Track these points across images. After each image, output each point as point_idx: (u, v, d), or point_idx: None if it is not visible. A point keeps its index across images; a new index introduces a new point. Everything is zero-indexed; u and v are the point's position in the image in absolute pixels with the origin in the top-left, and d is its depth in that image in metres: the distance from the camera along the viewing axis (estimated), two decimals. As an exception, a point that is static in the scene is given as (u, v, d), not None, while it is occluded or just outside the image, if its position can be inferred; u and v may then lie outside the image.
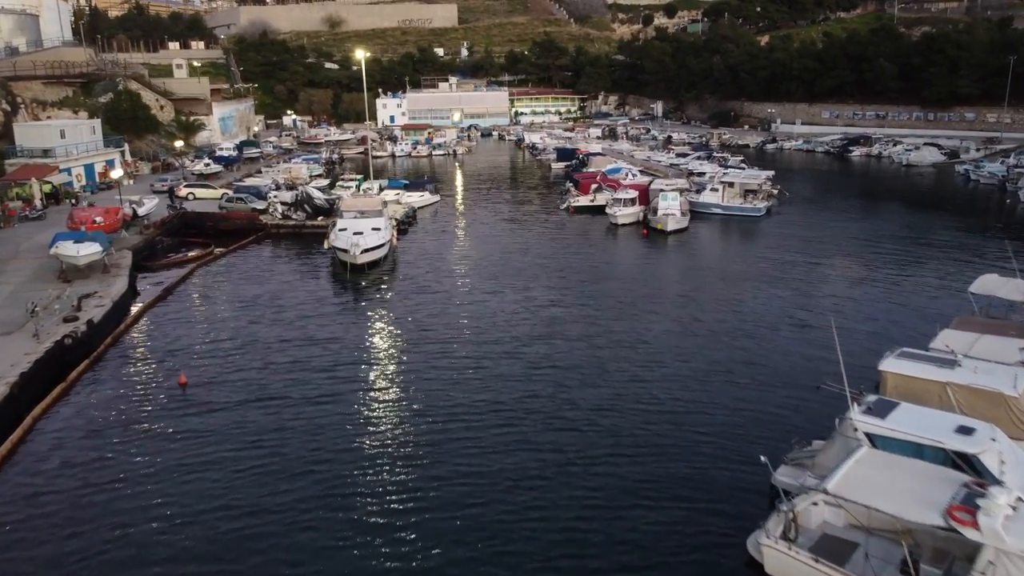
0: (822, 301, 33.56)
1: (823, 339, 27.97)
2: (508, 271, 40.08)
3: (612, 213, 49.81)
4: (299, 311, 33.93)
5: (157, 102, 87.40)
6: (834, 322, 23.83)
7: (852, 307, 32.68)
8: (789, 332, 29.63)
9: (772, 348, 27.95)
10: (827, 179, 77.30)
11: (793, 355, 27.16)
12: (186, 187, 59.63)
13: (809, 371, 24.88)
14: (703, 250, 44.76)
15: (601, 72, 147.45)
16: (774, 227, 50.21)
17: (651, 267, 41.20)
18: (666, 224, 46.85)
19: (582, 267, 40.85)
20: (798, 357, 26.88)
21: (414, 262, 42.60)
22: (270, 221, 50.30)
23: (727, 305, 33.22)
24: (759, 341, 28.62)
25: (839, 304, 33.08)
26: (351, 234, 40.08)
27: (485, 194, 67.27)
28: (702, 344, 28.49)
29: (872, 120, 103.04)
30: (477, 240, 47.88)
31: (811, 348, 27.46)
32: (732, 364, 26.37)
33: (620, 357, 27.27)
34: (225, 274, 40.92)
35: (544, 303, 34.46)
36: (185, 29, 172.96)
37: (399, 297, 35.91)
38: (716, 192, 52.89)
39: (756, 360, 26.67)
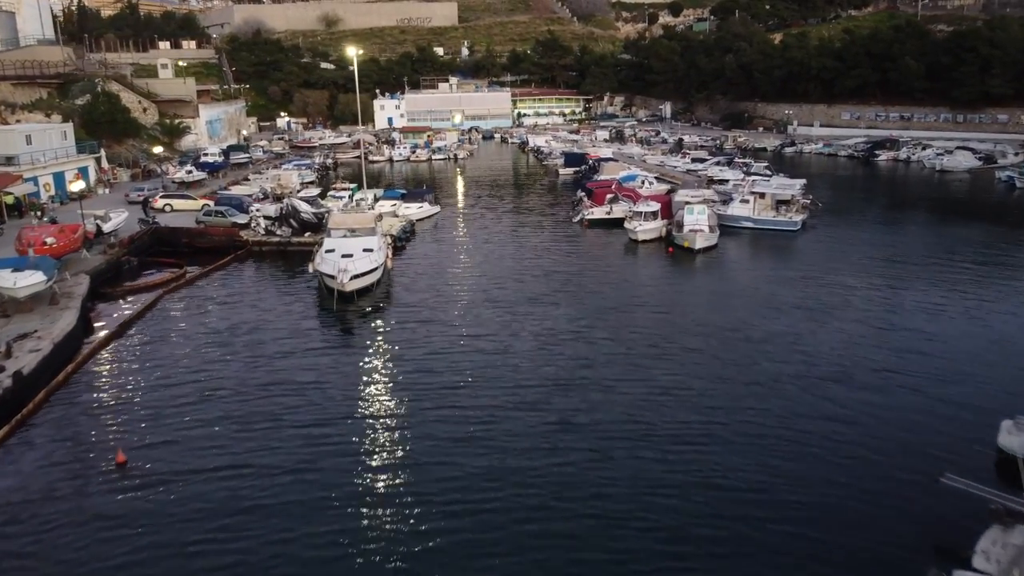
0: (897, 338, 28.43)
1: (919, 397, 23.06)
2: (520, 297, 35.05)
3: (632, 228, 44.75)
4: (277, 348, 28.98)
5: (140, 104, 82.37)
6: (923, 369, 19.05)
7: (940, 348, 27.54)
8: (872, 383, 24.45)
9: (857, 408, 22.69)
10: (855, 186, 72.23)
11: (887, 420, 21.88)
12: (163, 198, 54.54)
13: (920, 452, 19.88)
14: (739, 272, 39.64)
15: (606, 72, 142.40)
16: (813, 243, 45.10)
17: (683, 292, 36.11)
18: (694, 242, 41.80)
19: (605, 292, 35.82)
20: (895, 425, 21.60)
21: (412, 287, 37.53)
22: (252, 237, 45.24)
23: (785, 343, 28.12)
24: (837, 397, 23.46)
25: (920, 342, 28.01)
26: (339, 257, 35.03)
27: (489, 203, 62.19)
28: (769, 397, 23.41)
29: (896, 122, 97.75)
30: (483, 259, 42.82)
31: (909, 410, 22.40)
32: (816, 430, 21.25)
33: (670, 415, 22.20)
34: (196, 302, 35.83)
35: (566, 337, 29.50)
36: (177, 28, 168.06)
37: (394, 331, 30.86)
38: (746, 204, 47.82)
39: (847, 432, 21.30)
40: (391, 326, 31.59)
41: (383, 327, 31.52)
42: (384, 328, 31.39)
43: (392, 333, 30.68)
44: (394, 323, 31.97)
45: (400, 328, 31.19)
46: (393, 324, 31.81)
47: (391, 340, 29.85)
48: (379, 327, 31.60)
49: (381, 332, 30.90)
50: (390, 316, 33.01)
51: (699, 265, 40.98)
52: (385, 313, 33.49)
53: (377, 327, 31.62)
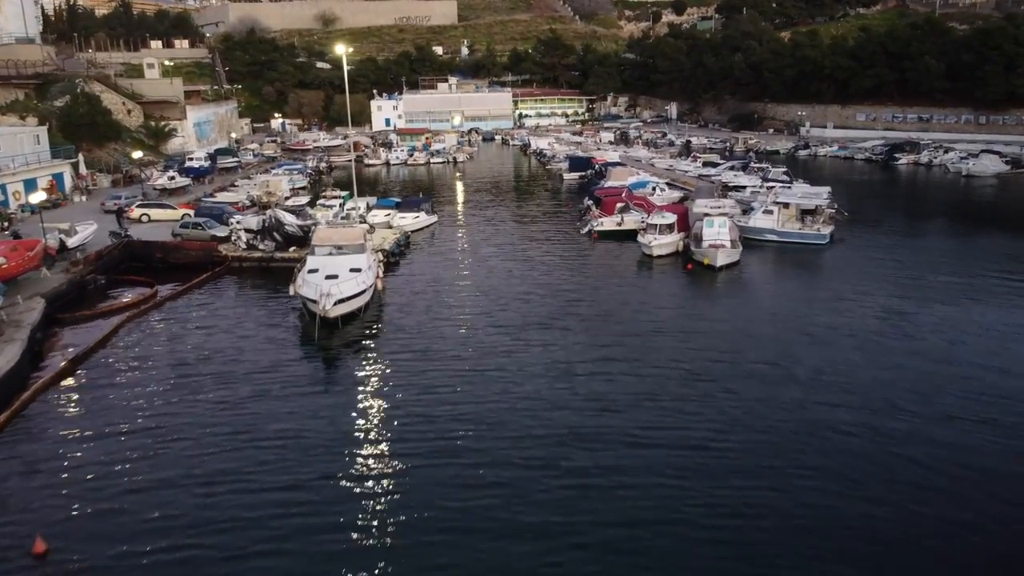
0: (967, 373, 24.57)
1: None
2: (526, 322, 31.34)
3: (646, 242, 40.97)
4: (251, 387, 25.32)
5: (124, 106, 78.60)
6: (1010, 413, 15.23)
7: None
8: (959, 437, 20.59)
9: (948, 469, 18.90)
10: (877, 192, 68.43)
11: (992, 489, 18.17)
12: (139, 207, 50.75)
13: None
14: (767, 293, 35.84)
15: (610, 71, 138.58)
16: (844, 259, 41.29)
17: (708, 318, 32.25)
18: (715, 259, 38.01)
19: (620, 316, 32.10)
20: (1005, 497, 17.89)
21: (405, 308, 33.74)
22: (231, 252, 41.45)
23: (836, 383, 24.28)
24: (918, 456, 19.64)
25: (995, 375, 24.17)
26: (322, 278, 31.26)
27: (490, 212, 58.39)
28: (832, 454, 19.64)
29: (914, 123, 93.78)
30: (484, 276, 39.04)
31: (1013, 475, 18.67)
32: (896, 499, 17.49)
33: (710, 480, 18.44)
34: (164, 328, 32.09)
35: (580, 373, 25.84)
36: (171, 27, 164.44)
37: (384, 365, 27.11)
38: (770, 215, 44.03)
39: (944, 507, 17.64)
40: (381, 358, 27.84)
41: (371, 360, 27.77)
42: (372, 361, 27.64)
43: (382, 367, 26.94)
44: (384, 354, 28.23)
45: (391, 361, 27.45)
46: (383, 356, 28.07)
47: (380, 377, 26.11)
48: (367, 360, 27.84)
49: (369, 366, 27.15)
50: (380, 345, 29.25)
51: (722, 284, 37.20)
52: (374, 342, 29.72)
53: (365, 360, 27.86)
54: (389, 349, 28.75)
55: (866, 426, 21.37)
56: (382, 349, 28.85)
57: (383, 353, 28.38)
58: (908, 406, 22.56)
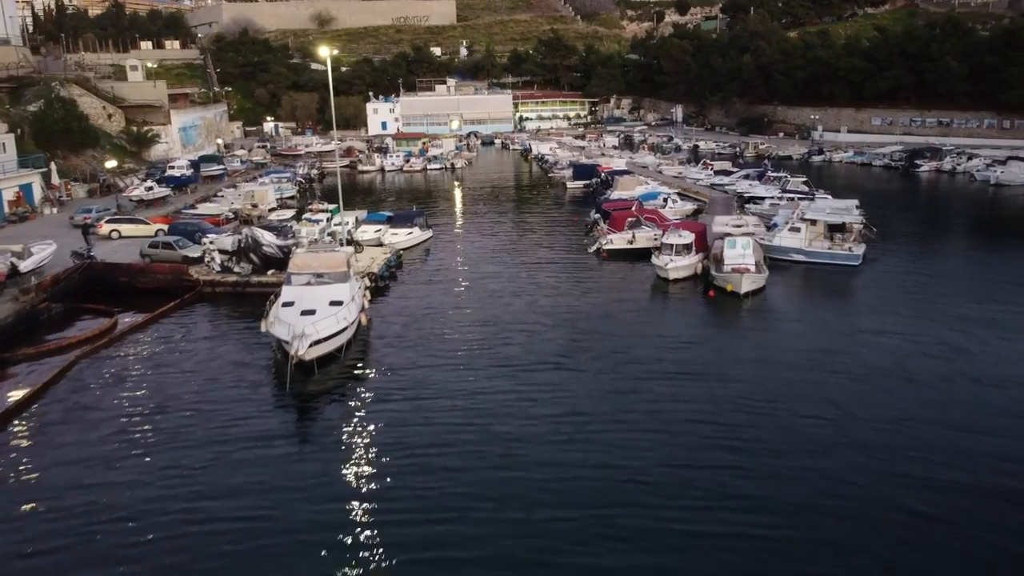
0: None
1: None
2: (532, 359, 27.69)
3: (661, 264, 37.07)
4: (210, 449, 21.75)
5: (104, 110, 74.73)
6: None
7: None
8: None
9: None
10: (901, 203, 64.39)
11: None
12: (109, 222, 46.86)
13: None
14: (801, 324, 31.82)
15: (614, 73, 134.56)
16: (881, 282, 37.37)
17: (738, 354, 28.31)
18: (739, 284, 34.12)
19: (636, 352, 28.30)
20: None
21: (394, 345, 29.84)
22: (203, 276, 37.54)
23: (902, 449, 20.38)
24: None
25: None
26: (297, 314, 27.38)
27: (490, 225, 54.45)
28: (918, 547, 15.77)
29: (934, 128, 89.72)
30: (484, 302, 35.10)
31: None
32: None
33: None
34: (120, 367, 28.27)
35: (596, 428, 22.30)
36: (163, 28, 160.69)
37: (366, 420, 23.28)
38: (796, 233, 40.13)
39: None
40: (363, 411, 24.00)
41: (352, 413, 23.91)
42: (353, 415, 23.78)
43: (364, 423, 23.08)
44: (367, 404, 24.40)
45: (375, 414, 23.62)
46: (366, 408, 24.22)
47: (362, 435, 22.29)
48: (347, 413, 23.98)
49: (349, 422, 23.28)
50: (363, 394, 25.37)
51: (749, 315, 33.31)
52: (356, 390, 25.83)
53: (345, 413, 24.01)
54: (373, 399, 24.90)
55: (956, 509, 17.51)
56: (365, 399, 24.98)
57: (366, 404, 24.52)
58: (1002, 480, 18.69)
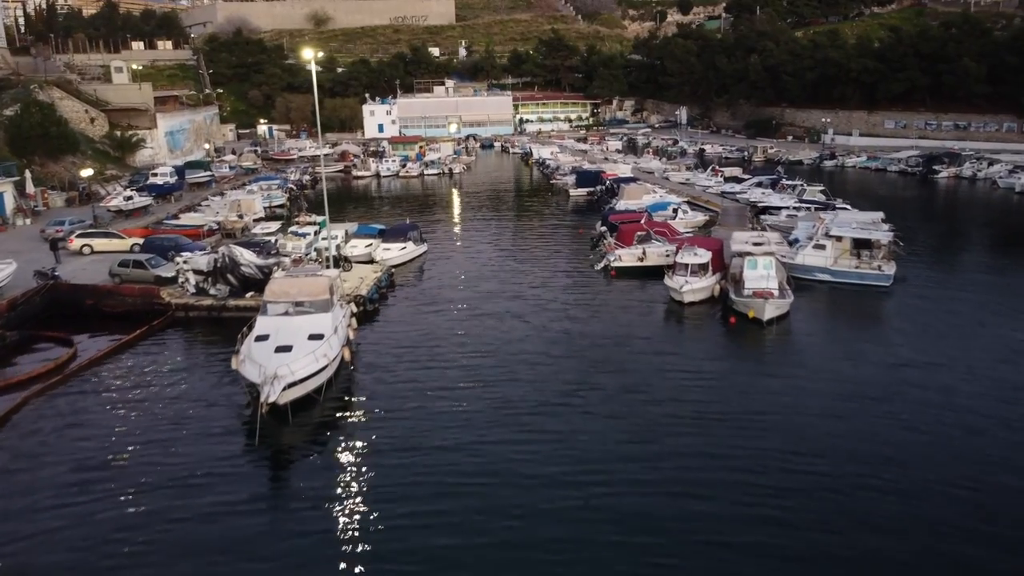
0: None
1: None
2: (538, 399, 24.71)
3: (676, 286, 33.93)
4: (160, 518, 18.47)
5: (87, 114, 71.62)
6: None
7: None
8: None
9: None
10: (922, 212, 61.23)
11: None
12: (80, 236, 43.77)
13: None
14: (835, 357, 28.54)
15: (616, 74, 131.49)
16: (917, 305, 34.20)
17: (767, 393, 25.09)
18: (762, 311, 30.99)
19: (655, 390, 25.28)
20: None
21: (381, 382, 26.68)
22: (176, 299, 34.41)
23: (971, 506, 17.30)
24: None
25: None
26: (271, 351, 24.29)
27: (490, 237, 51.31)
28: None
29: (950, 132, 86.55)
30: (483, 328, 31.94)
31: None
32: None
33: None
34: (75, 407, 25.19)
35: (614, 488, 19.28)
36: (156, 28, 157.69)
37: (345, 480, 20.18)
38: (822, 250, 37.01)
39: None
40: (342, 468, 20.89)
41: (330, 469, 20.82)
42: (331, 471, 20.70)
43: (343, 483, 19.99)
44: (347, 461, 21.27)
45: (356, 472, 20.54)
46: (345, 464, 21.10)
47: (341, 498, 19.23)
48: (324, 469, 20.90)
49: (326, 481, 20.20)
50: (343, 446, 22.23)
51: (774, 345, 30.18)
52: (336, 439, 22.71)
53: (321, 470, 20.92)
54: (355, 453, 21.74)
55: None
56: (345, 454, 21.80)
57: (346, 460, 21.37)
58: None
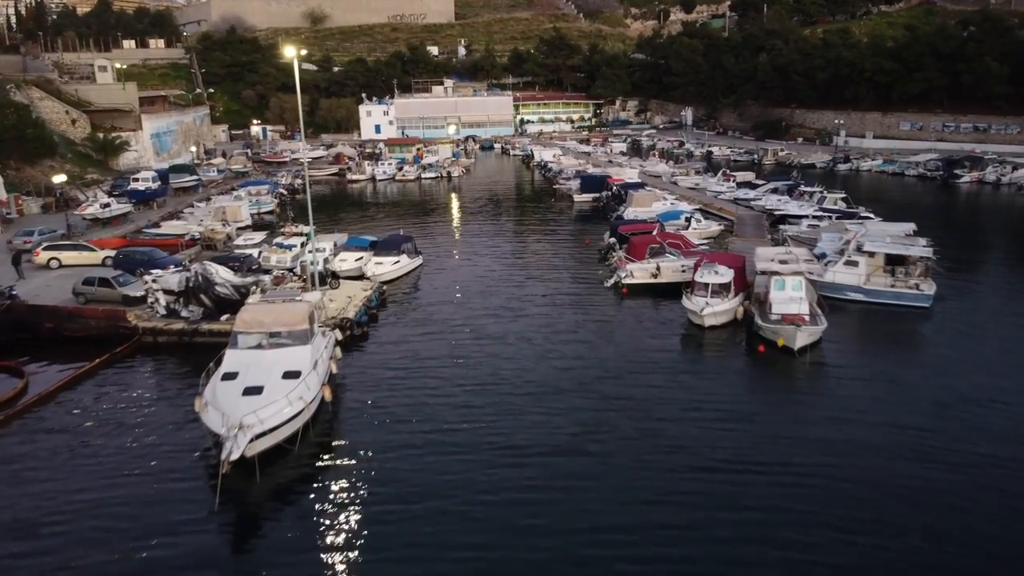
0: None
1: None
2: (544, 439, 21.90)
3: (696, 309, 30.71)
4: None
5: (67, 115, 68.41)
6: None
7: None
8: None
9: None
10: (945, 220, 57.58)
11: None
12: (47, 249, 40.56)
13: None
14: (883, 391, 25.22)
15: (619, 73, 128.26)
16: (963, 328, 30.96)
17: (811, 439, 21.96)
18: (792, 339, 27.79)
19: (678, 433, 22.22)
20: None
21: (367, 424, 23.49)
22: (144, 322, 31.18)
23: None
24: None
25: None
26: (240, 392, 21.11)
27: (489, 248, 48.06)
28: None
29: (969, 134, 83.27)
30: (483, 355, 28.74)
31: None
32: None
33: None
34: (15, 456, 22.03)
35: (642, 561, 16.08)
36: (149, 26, 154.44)
37: (323, 551, 17.05)
38: (854, 267, 33.82)
39: None
40: (319, 536, 17.75)
41: (303, 539, 17.67)
42: (304, 541, 17.55)
43: (320, 558, 16.81)
44: (325, 526, 18.13)
45: (335, 543, 17.39)
46: (323, 531, 17.96)
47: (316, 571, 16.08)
48: (295, 540, 17.72)
49: (297, 554, 17.04)
50: (319, 510, 19.04)
51: (808, 377, 26.97)
52: (312, 499, 19.52)
53: (290, 541, 17.74)
54: (334, 518, 18.56)
55: None
56: (323, 520, 18.61)
57: (323, 528, 18.19)
58: None
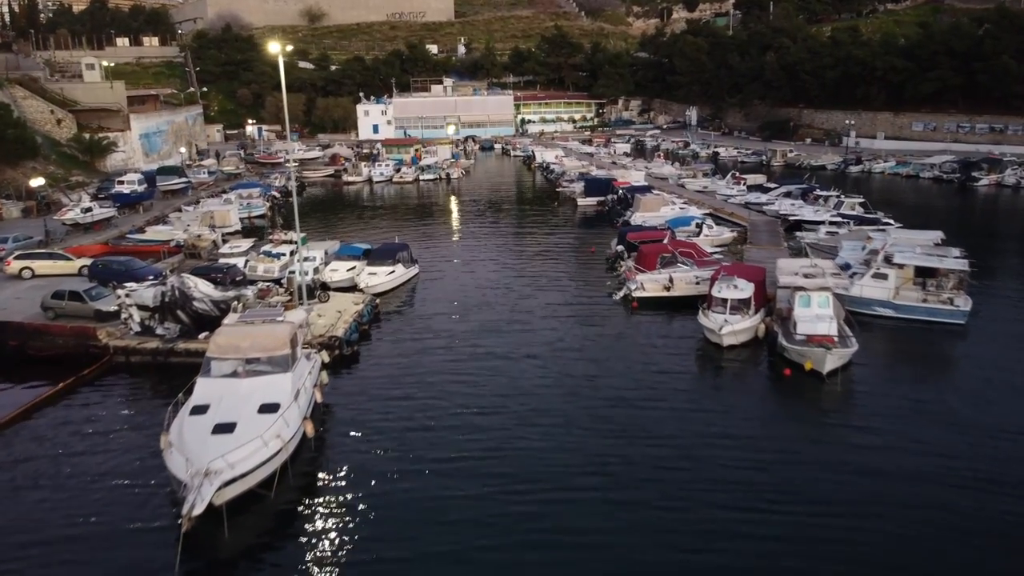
0: None
1: None
2: (556, 484, 19.36)
3: (714, 327, 28.32)
4: None
5: (52, 115, 66.02)
6: None
7: None
8: None
9: None
10: (967, 226, 54.75)
11: None
12: (19, 257, 38.16)
13: None
14: (926, 423, 22.90)
15: (622, 72, 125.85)
16: (1006, 348, 28.54)
17: (842, 476, 19.58)
18: (821, 363, 25.40)
19: (706, 473, 19.77)
20: None
21: (353, 463, 21.01)
22: (115, 341, 28.79)
23: None
24: None
25: None
26: (209, 430, 18.72)
27: (490, 255, 45.66)
28: None
29: (985, 135, 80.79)
30: (484, 376, 26.36)
31: None
32: None
33: None
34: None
35: None
36: (144, 24, 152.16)
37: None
38: (883, 281, 31.42)
39: None
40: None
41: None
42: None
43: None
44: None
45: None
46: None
47: None
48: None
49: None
50: (299, 562, 16.68)
51: (838, 405, 24.54)
52: (289, 556, 17.13)
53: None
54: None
55: None
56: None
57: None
58: None
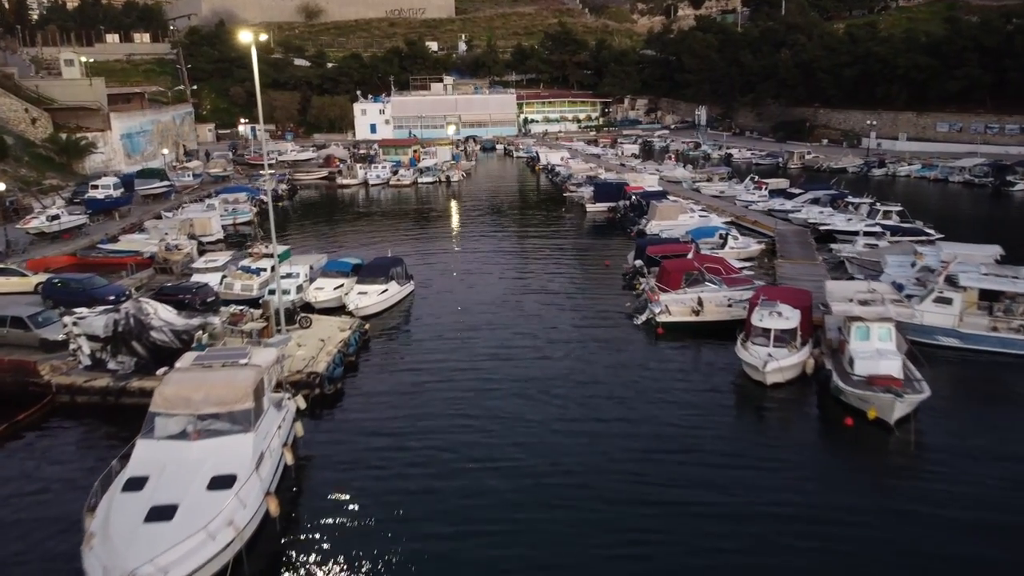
0: None
1: None
2: (574, 562, 15.23)
3: (756, 363, 24.32)
4: None
5: (27, 113, 62.04)
6: None
7: None
8: None
9: None
10: (1008, 235, 50.90)
11: None
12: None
13: None
14: (1017, 483, 19.05)
15: (628, 70, 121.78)
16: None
17: (926, 562, 15.66)
18: (888, 412, 21.40)
19: (752, 546, 15.88)
20: None
21: (328, 545, 17.07)
22: (58, 378, 24.79)
23: None
24: None
25: None
26: (139, 518, 14.76)
27: (493, 268, 41.61)
28: None
29: (1015, 136, 76.66)
30: (488, 419, 22.42)
31: None
32: None
33: None
34: None
35: None
36: (137, 20, 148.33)
37: None
38: (946, 306, 27.43)
39: None
40: None
41: None
42: None
43: None
44: None
45: None
46: None
47: None
48: None
49: None
50: None
51: (912, 464, 20.51)
52: None
53: None
54: None
55: None
56: None
57: None
58: None
